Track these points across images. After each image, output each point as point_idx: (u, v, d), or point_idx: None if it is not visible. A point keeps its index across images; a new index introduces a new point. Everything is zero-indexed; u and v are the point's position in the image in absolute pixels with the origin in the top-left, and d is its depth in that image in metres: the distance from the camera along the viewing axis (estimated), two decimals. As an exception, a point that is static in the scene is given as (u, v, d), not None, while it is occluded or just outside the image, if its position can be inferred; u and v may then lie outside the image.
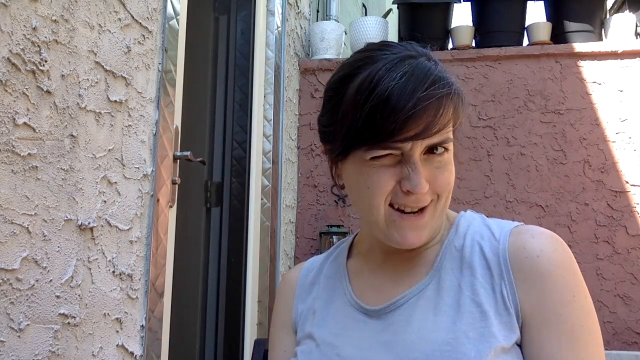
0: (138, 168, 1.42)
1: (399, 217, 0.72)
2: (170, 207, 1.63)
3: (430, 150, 0.71)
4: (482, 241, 0.76)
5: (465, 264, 0.75)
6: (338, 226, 2.68)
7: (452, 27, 2.94)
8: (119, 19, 1.34)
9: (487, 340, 0.67)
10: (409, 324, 0.73)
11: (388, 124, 0.67)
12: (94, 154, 1.25)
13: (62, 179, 1.15)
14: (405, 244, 0.73)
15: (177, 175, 1.68)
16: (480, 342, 0.67)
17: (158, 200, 1.49)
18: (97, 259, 1.25)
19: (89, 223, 1.22)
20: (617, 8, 3.03)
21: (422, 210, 0.72)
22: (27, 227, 1.06)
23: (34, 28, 1.07)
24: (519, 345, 0.70)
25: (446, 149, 0.72)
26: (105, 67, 1.29)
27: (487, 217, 0.82)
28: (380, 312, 0.76)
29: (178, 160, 1.70)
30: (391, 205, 0.72)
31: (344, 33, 3.01)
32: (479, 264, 0.74)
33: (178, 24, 1.62)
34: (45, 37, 1.10)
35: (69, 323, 1.16)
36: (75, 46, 1.19)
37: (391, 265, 0.81)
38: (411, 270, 0.78)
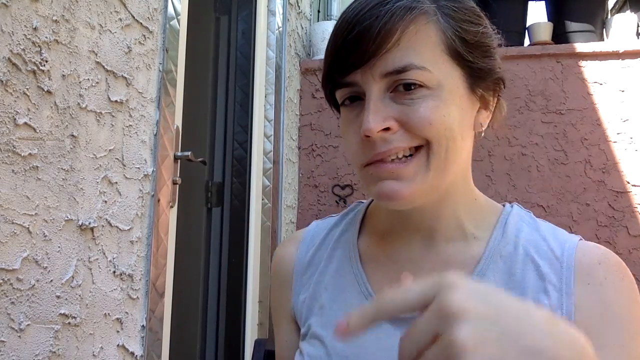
0: (139, 168, 1.42)
1: (376, 167, 0.61)
2: (171, 207, 1.63)
3: (405, 87, 0.59)
4: (537, 257, 0.63)
5: (514, 282, 0.62)
6: (339, 226, 2.67)
7: (453, 27, 2.94)
8: (120, 19, 1.34)
9: None
10: None
11: (334, 58, 0.60)
12: (94, 154, 1.25)
13: (63, 179, 1.15)
14: (383, 197, 0.60)
15: (178, 176, 1.68)
16: None
17: (159, 200, 1.49)
18: (97, 259, 1.25)
19: (89, 223, 1.22)
20: (619, 8, 3.02)
21: (408, 159, 0.60)
22: (28, 227, 1.06)
23: (35, 28, 1.07)
24: None
25: (420, 85, 0.58)
26: (106, 67, 1.29)
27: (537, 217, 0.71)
28: (405, 320, 0.65)
29: (179, 161, 1.70)
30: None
31: (345, 33, 3.00)
32: (534, 285, 0.61)
33: (179, 24, 1.62)
34: (46, 37, 1.10)
35: (69, 323, 1.16)
36: (76, 46, 1.19)
37: (420, 257, 0.67)
38: (443, 270, 0.67)
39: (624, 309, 0.60)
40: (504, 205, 0.70)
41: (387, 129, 0.59)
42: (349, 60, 0.59)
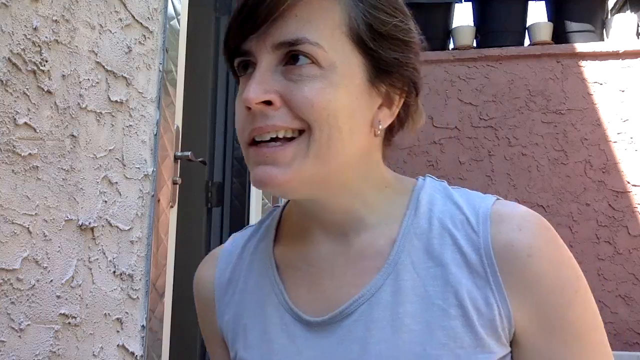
0: (139, 168, 1.42)
1: (255, 150, 0.57)
2: (171, 207, 1.63)
3: (295, 59, 0.55)
4: (453, 229, 0.59)
5: (433, 260, 0.59)
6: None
7: (453, 27, 2.94)
8: (120, 19, 1.34)
9: None
10: (365, 347, 0.58)
11: (231, 24, 0.58)
12: (94, 154, 1.25)
13: (63, 179, 1.15)
14: (257, 182, 0.57)
15: (178, 176, 1.68)
16: None
17: (159, 200, 1.49)
18: (97, 259, 1.25)
19: (89, 223, 1.22)
20: (619, 8, 3.02)
21: (287, 142, 0.56)
22: (28, 227, 1.06)
23: (35, 28, 1.07)
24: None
25: (312, 62, 0.55)
26: (106, 67, 1.29)
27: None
28: (325, 324, 0.60)
29: (179, 161, 1.70)
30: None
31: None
32: (453, 262, 0.58)
33: (179, 24, 1.62)
34: (46, 37, 1.10)
35: (69, 323, 1.16)
36: (76, 46, 1.19)
37: (333, 254, 0.63)
38: (357, 262, 0.62)
39: (557, 276, 0.58)
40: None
41: (269, 103, 0.55)
42: (243, 26, 0.56)
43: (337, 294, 0.61)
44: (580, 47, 2.61)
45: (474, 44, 2.89)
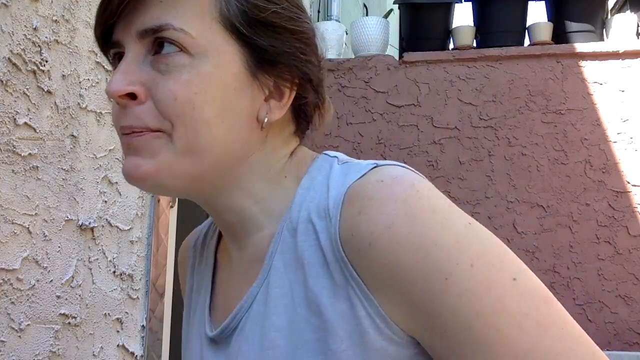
0: (139, 168, 1.42)
1: (123, 140, 0.53)
2: (171, 207, 1.63)
3: (161, 46, 0.52)
4: (317, 219, 0.50)
5: (298, 260, 0.51)
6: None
7: (453, 27, 2.94)
8: (120, 19, 1.34)
9: None
10: None
11: (97, 11, 0.54)
12: (94, 154, 1.25)
13: (63, 179, 1.15)
14: (125, 175, 0.53)
15: (178, 176, 1.68)
16: None
17: (159, 200, 1.49)
18: (97, 259, 1.25)
19: (89, 223, 1.22)
20: (619, 8, 3.02)
21: (147, 133, 0.52)
22: (28, 227, 1.06)
23: (35, 28, 1.07)
24: None
25: (180, 50, 0.51)
26: (106, 67, 1.29)
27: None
28: (219, 340, 0.57)
29: (179, 161, 1.69)
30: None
31: (344, 33, 3.00)
32: (314, 260, 0.49)
33: (179, 24, 1.62)
34: (46, 37, 1.10)
35: (69, 323, 1.16)
36: (76, 46, 1.19)
37: (235, 259, 0.60)
38: (248, 270, 0.57)
39: (418, 264, 0.45)
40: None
41: (133, 97, 0.51)
42: (105, 13, 0.53)
43: (230, 304, 0.57)
44: (580, 47, 2.61)
45: (474, 44, 2.89)
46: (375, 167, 0.50)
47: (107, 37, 0.55)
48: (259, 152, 0.56)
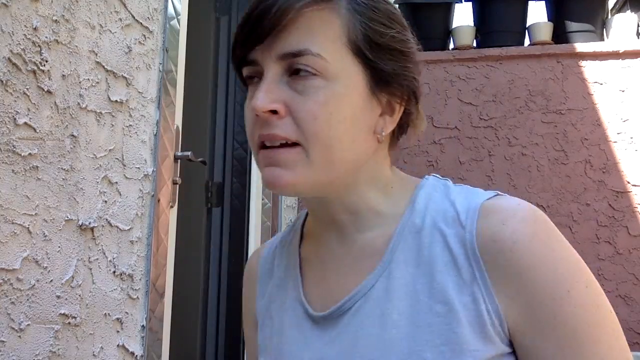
0: (139, 168, 1.42)
1: (263, 154, 0.61)
2: (171, 207, 1.63)
3: (299, 71, 0.58)
4: (444, 226, 0.60)
5: (423, 257, 0.60)
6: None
7: (453, 27, 2.94)
8: (120, 19, 1.34)
9: None
10: (355, 341, 0.60)
11: (238, 34, 0.62)
12: (94, 154, 1.25)
13: (63, 179, 1.15)
14: (266, 183, 0.61)
15: (178, 176, 1.68)
16: None
17: (159, 200, 1.49)
18: (97, 259, 1.25)
19: (89, 223, 1.22)
20: (619, 8, 3.02)
21: (285, 147, 0.59)
22: (28, 227, 1.06)
23: (35, 28, 1.07)
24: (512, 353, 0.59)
25: (314, 73, 0.58)
26: (106, 67, 1.29)
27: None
28: (326, 319, 0.64)
29: (179, 161, 1.69)
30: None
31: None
32: (442, 259, 0.59)
33: (179, 24, 1.62)
34: (46, 37, 1.10)
35: (69, 323, 1.16)
36: (76, 46, 1.19)
37: (339, 252, 0.67)
38: (359, 260, 0.65)
39: (545, 271, 0.56)
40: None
41: (274, 112, 0.58)
42: (249, 37, 0.60)
43: (339, 290, 0.64)
44: (580, 47, 2.60)
45: (474, 44, 2.88)
46: (497, 194, 0.61)
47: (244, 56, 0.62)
48: (371, 160, 0.64)
